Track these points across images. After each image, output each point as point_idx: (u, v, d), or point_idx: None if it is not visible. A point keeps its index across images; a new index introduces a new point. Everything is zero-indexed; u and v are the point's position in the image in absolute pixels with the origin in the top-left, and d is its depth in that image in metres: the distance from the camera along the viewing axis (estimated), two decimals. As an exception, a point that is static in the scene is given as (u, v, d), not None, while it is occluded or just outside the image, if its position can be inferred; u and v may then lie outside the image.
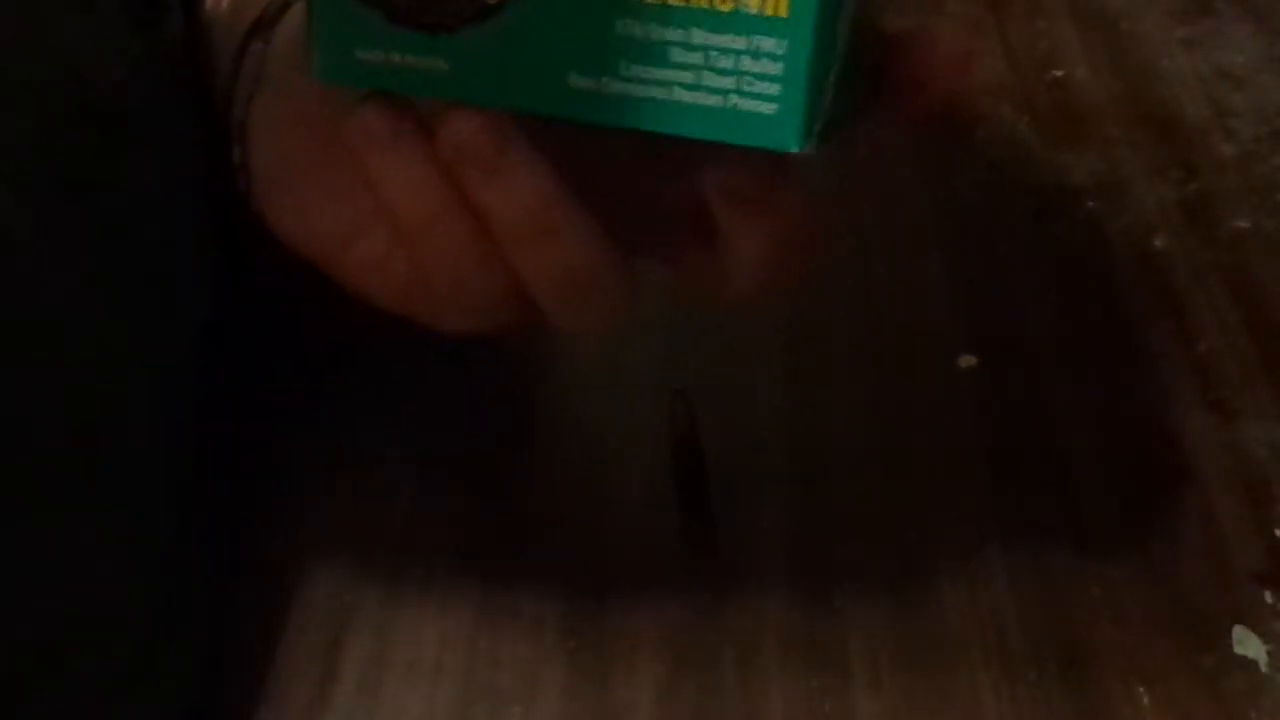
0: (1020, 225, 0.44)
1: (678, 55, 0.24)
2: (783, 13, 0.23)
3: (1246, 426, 0.37)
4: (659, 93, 0.24)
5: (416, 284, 0.30)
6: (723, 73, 0.24)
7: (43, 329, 0.28)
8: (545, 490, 0.38)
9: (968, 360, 0.40)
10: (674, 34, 0.24)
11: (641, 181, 0.29)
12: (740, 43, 0.23)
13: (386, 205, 0.29)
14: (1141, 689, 0.31)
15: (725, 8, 0.23)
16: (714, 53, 0.24)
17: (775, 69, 0.23)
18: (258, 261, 0.35)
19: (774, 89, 0.24)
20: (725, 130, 0.24)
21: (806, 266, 0.29)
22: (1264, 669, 0.32)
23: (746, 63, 0.24)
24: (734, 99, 0.24)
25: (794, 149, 0.24)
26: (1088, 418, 0.38)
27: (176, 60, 0.33)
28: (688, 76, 0.24)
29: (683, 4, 0.24)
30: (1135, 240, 0.43)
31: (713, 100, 0.24)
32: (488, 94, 0.26)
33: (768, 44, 0.23)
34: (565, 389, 0.41)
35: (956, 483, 0.36)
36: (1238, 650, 0.32)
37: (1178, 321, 0.40)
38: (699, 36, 0.24)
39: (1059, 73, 0.50)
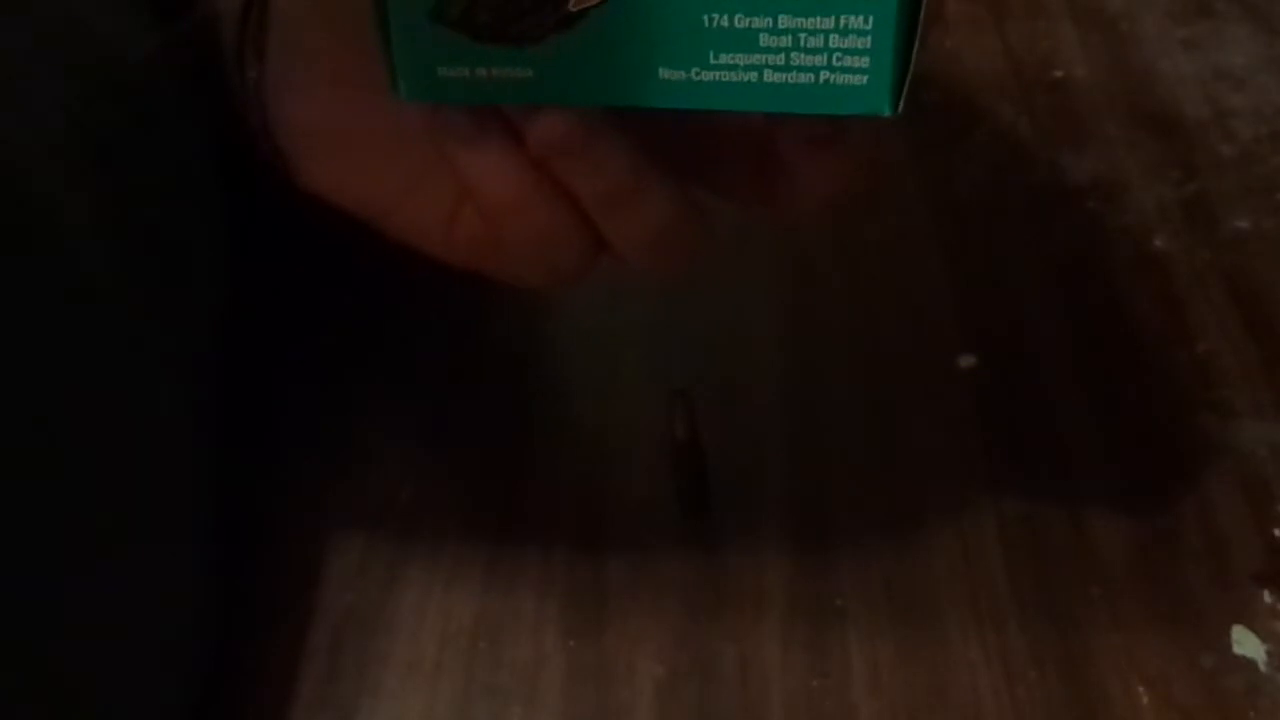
0: (1020, 225, 0.44)
1: (766, 40, 0.24)
2: None
3: (1246, 426, 0.37)
4: (750, 76, 0.25)
5: (489, 241, 0.30)
6: (812, 52, 0.24)
7: (77, 296, 0.29)
8: (545, 490, 0.38)
9: (968, 360, 0.40)
10: (761, 21, 0.24)
11: (709, 131, 0.29)
12: (828, 23, 0.24)
13: (470, 188, 0.29)
14: (1141, 689, 0.31)
15: None
16: (803, 35, 0.24)
17: (864, 43, 0.24)
18: (281, 231, 0.35)
19: (864, 62, 0.24)
20: (818, 103, 0.25)
21: (864, 188, 0.30)
22: (1263, 669, 0.32)
23: (835, 40, 0.24)
24: (825, 74, 0.24)
25: (888, 113, 0.25)
26: (1088, 418, 0.38)
27: (198, 46, 0.34)
28: (778, 59, 0.24)
29: None
30: (1135, 240, 0.43)
31: (804, 78, 0.24)
32: (577, 94, 0.26)
33: (855, 21, 0.24)
34: (566, 389, 0.41)
35: (956, 482, 0.36)
36: (1237, 650, 0.32)
37: (1178, 321, 0.40)
38: (786, 21, 0.24)
39: (1059, 73, 0.50)
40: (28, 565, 0.27)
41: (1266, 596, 0.33)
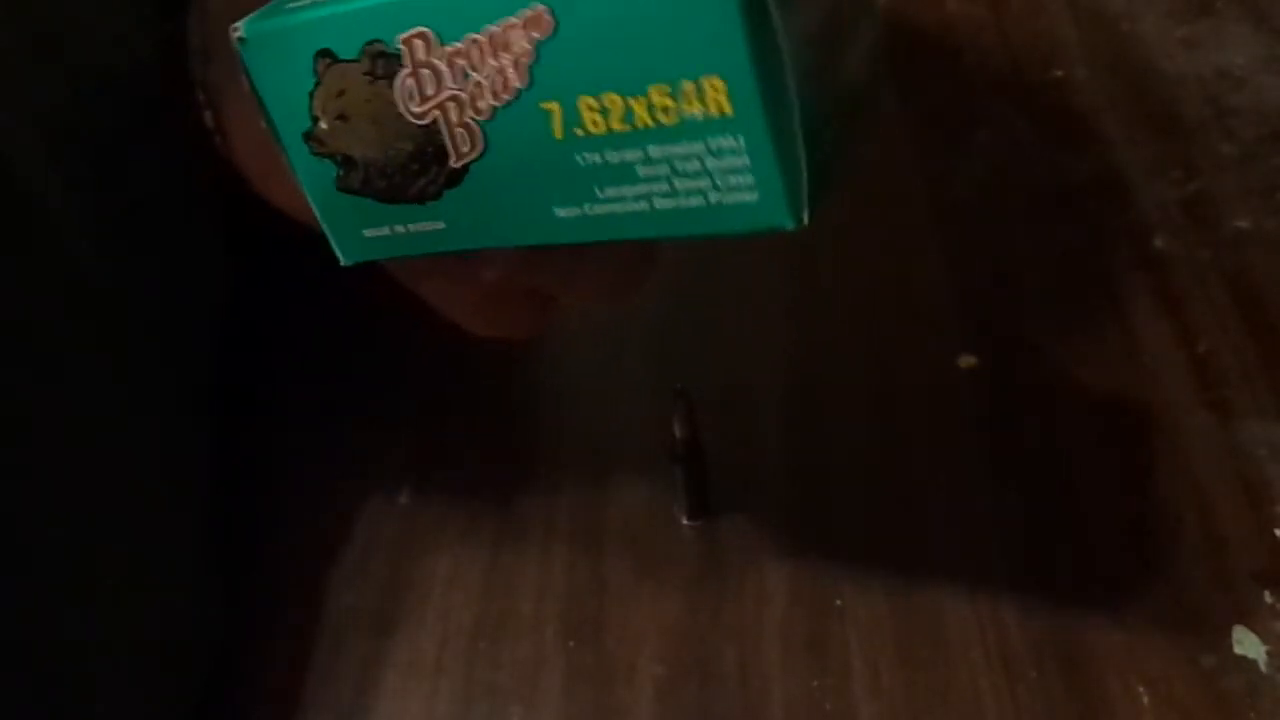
0: (1020, 225, 0.44)
1: (644, 170, 0.24)
2: (728, 111, 0.22)
3: (1246, 426, 0.37)
4: (641, 206, 0.24)
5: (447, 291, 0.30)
6: (693, 176, 0.24)
7: (74, 295, 0.28)
8: (546, 490, 0.38)
9: (968, 360, 0.40)
10: (632, 154, 0.24)
11: None
12: (698, 148, 0.23)
13: (434, 306, 0.30)
14: (1141, 689, 0.31)
15: (670, 121, 0.23)
16: (677, 161, 0.24)
17: (742, 162, 0.23)
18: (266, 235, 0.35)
19: (749, 179, 0.23)
20: (718, 224, 0.24)
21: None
22: (1264, 669, 0.32)
23: (712, 163, 0.23)
24: (714, 196, 0.24)
25: (791, 226, 0.23)
26: (1088, 417, 0.38)
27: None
28: (662, 187, 0.24)
29: (628, 128, 0.23)
30: (1135, 240, 0.43)
31: (694, 201, 0.24)
32: (487, 238, 0.26)
33: (726, 142, 0.23)
34: (566, 390, 0.41)
35: (956, 482, 0.36)
36: (1237, 650, 0.32)
37: (1178, 321, 0.40)
38: (656, 151, 0.24)
39: (1059, 73, 0.50)
40: (29, 567, 0.27)
41: (1267, 596, 0.33)
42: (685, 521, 0.36)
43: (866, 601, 0.34)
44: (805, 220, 0.23)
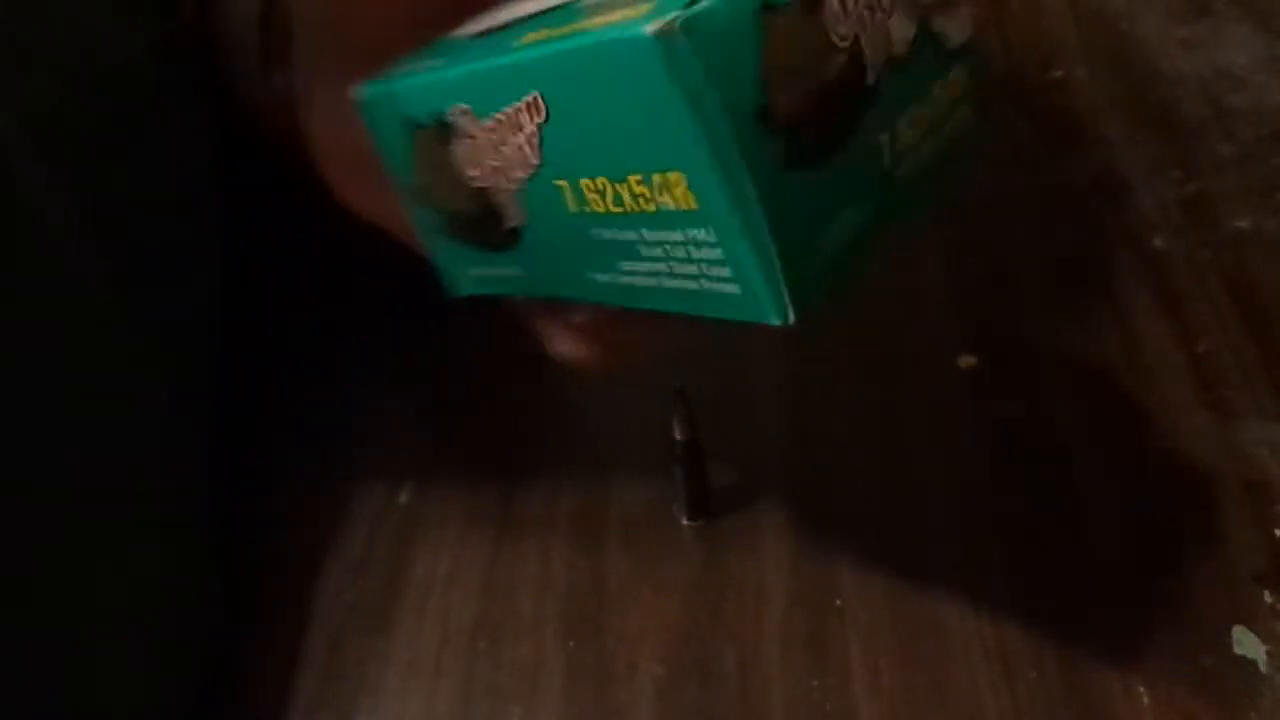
0: (1020, 225, 0.44)
1: (645, 251, 0.24)
2: (693, 206, 0.22)
3: (1246, 426, 0.37)
4: (651, 281, 0.25)
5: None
6: (684, 261, 0.24)
7: (65, 294, 0.28)
8: (545, 490, 0.38)
9: (968, 360, 0.40)
10: (631, 235, 0.24)
11: None
12: (678, 235, 0.23)
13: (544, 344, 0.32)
14: (1141, 689, 0.31)
15: (650, 209, 0.23)
16: (668, 246, 0.24)
17: (715, 255, 0.23)
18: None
19: (725, 272, 0.23)
20: (713, 308, 0.24)
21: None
22: (1263, 669, 0.32)
23: (694, 252, 0.23)
24: (704, 283, 0.24)
25: (776, 322, 0.23)
26: (1088, 418, 0.38)
27: (193, 44, 0.34)
28: (662, 267, 0.24)
29: (620, 210, 0.24)
30: (1135, 240, 0.43)
31: (689, 284, 0.24)
32: (550, 288, 0.28)
33: (699, 234, 0.23)
34: (566, 390, 0.41)
35: (956, 483, 0.36)
36: (1237, 650, 0.32)
37: (1178, 321, 0.40)
38: (650, 235, 0.24)
39: (1059, 73, 0.50)
40: (28, 567, 0.27)
41: (1266, 596, 0.33)
42: (685, 521, 0.36)
43: (866, 601, 0.34)
44: (790, 319, 0.23)
